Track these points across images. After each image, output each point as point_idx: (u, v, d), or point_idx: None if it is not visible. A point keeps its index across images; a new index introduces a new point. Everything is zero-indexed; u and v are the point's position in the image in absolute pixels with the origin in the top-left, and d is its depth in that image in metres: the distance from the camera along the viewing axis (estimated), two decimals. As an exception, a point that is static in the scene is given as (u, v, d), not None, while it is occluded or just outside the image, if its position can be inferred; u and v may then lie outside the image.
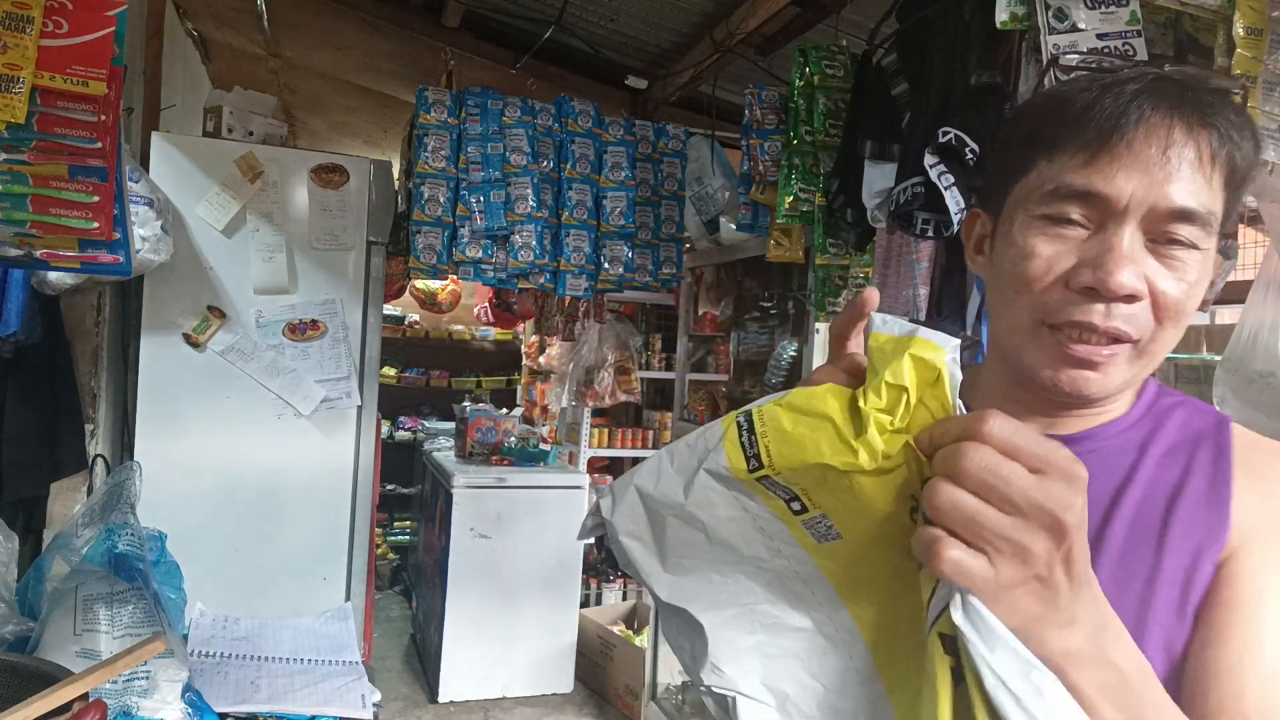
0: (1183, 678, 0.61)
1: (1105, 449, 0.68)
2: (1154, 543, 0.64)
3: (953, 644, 0.47)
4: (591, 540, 0.65)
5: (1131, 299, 0.61)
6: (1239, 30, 1.51)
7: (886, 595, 0.54)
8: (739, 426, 0.53)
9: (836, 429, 0.50)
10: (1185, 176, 0.61)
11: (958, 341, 0.50)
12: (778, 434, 0.51)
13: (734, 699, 0.56)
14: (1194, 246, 0.62)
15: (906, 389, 0.49)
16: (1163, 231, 0.62)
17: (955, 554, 0.45)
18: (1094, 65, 0.69)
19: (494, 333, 6.36)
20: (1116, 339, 0.62)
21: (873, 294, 0.55)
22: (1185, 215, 0.61)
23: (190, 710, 1.36)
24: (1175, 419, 0.71)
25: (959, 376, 0.49)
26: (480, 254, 2.94)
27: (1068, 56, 0.73)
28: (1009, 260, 0.67)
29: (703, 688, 0.58)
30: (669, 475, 0.57)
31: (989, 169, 0.76)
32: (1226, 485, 0.65)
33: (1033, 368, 0.66)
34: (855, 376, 0.52)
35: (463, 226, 2.92)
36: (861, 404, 0.49)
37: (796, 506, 0.53)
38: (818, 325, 2.51)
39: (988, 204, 0.73)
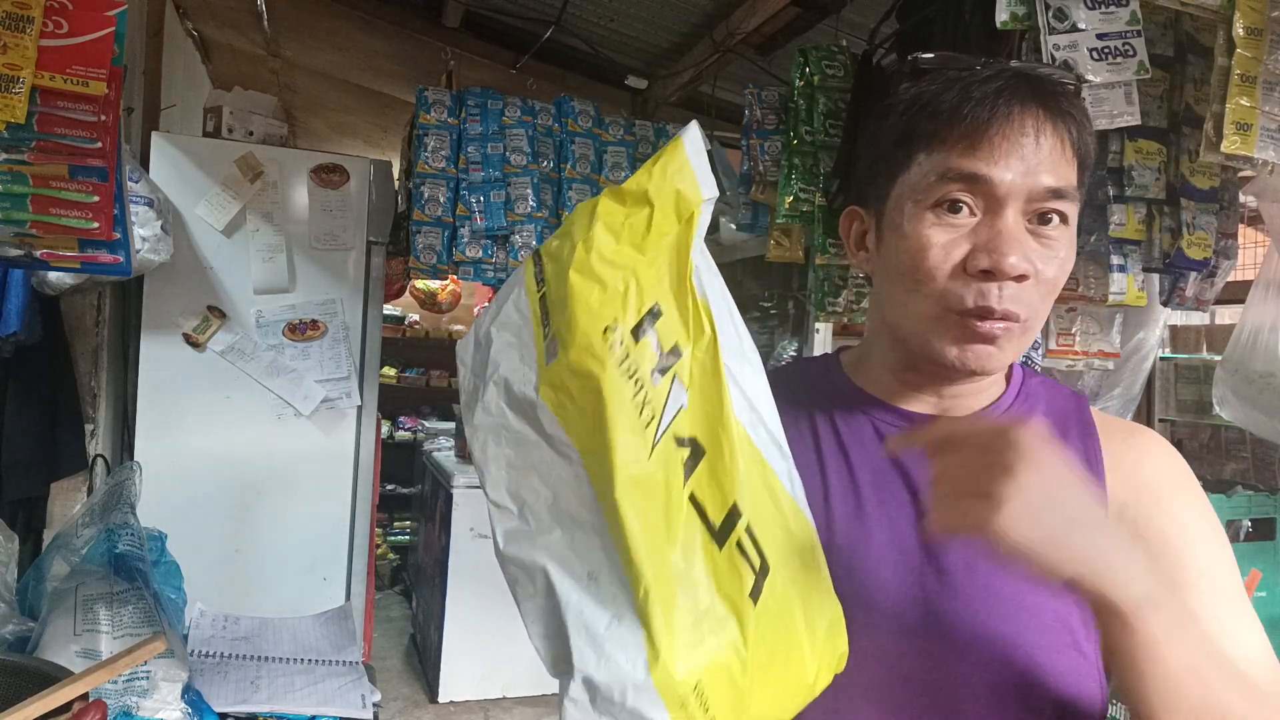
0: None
1: None
2: None
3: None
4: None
5: (1022, 279, 0.68)
6: (1239, 30, 1.51)
7: (591, 411, 0.58)
8: (533, 258, 0.63)
9: (572, 238, 0.57)
10: (1052, 160, 0.68)
11: (714, 195, 0.59)
12: (550, 253, 0.61)
13: (490, 509, 0.65)
14: (1064, 221, 0.70)
15: (652, 205, 0.57)
16: (1037, 210, 0.69)
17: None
18: (945, 66, 0.73)
19: (494, 333, 6.35)
20: (1007, 317, 0.68)
21: None
22: (1057, 193, 0.68)
23: (190, 710, 1.36)
24: (1041, 398, 0.79)
25: (705, 227, 0.58)
26: (480, 254, 2.94)
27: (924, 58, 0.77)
28: (904, 253, 0.72)
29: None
30: (491, 309, 0.66)
31: (863, 168, 0.81)
32: (1099, 464, 0.75)
33: (940, 350, 0.71)
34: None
35: (463, 226, 2.92)
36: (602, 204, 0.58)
37: (545, 329, 0.60)
38: (818, 325, 2.51)
39: (865, 202, 0.79)
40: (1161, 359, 2.81)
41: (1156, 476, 0.75)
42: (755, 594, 0.57)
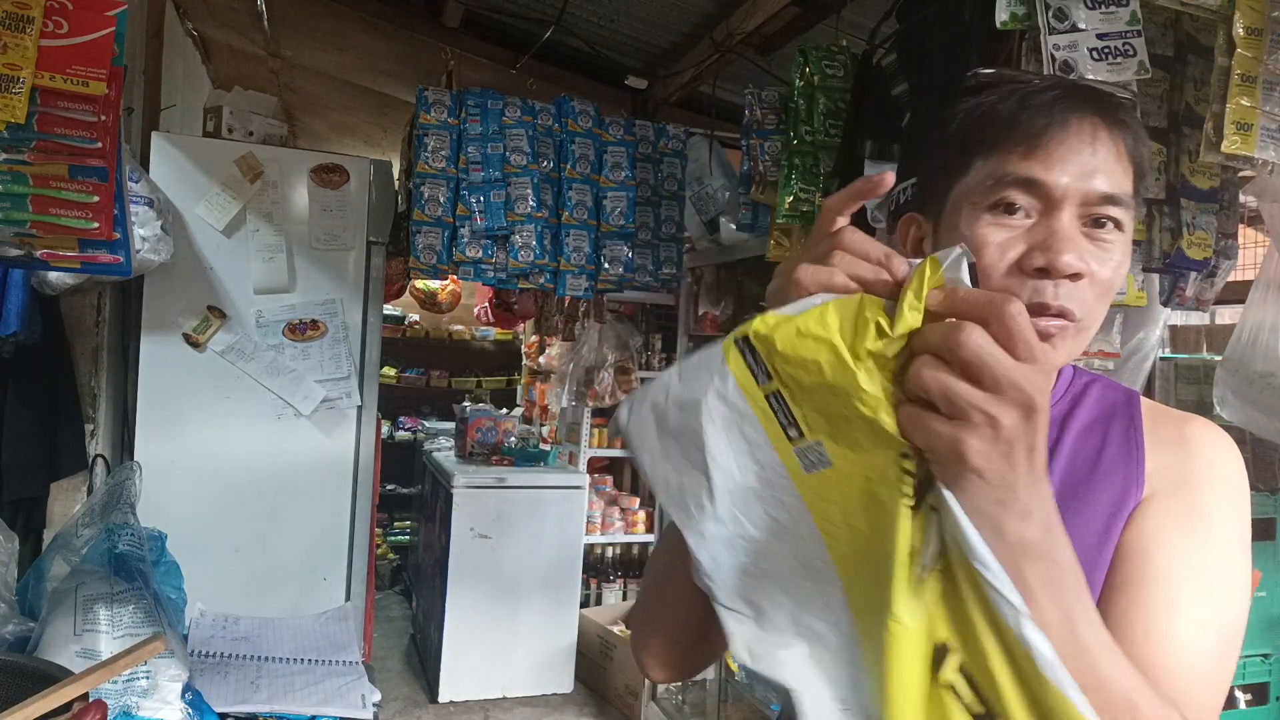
0: None
1: None
2: (1078, 506, 0.73)
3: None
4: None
5: (1077, 277, 0.69)
6: (1239, 30, 1.51)
7: (867, 532, 0.54)
8: (739, 348, 0.55)
9: (835, 350, 0.51)
10: (1108, 167, 0.70)
11: (959, 250, 0.53)
12: (780, 351, 0.53)
13: (721, 612, 0.59)
14: (1119, 227, 0.71)
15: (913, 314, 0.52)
16: (1093, 215, 0.70)
17: (936, 424, 0.50)
18: (1002, 81, 0.76)
19: (494, 333, 6.36)
20: (1063, 315, 0.69)
21: (889, 176, 0.60)
22: (1112, 199, 0.70)
23: (190, 710, 1.36)
24: (1091, 396, 0.80)
25: (967, 283, 0.52)
26: (480, 254, 2.94)
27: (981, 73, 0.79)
28: None
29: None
30: (676, 392, 0.58)
31: (922, 177, 0.83)
32: (1139, 449, 0.75)
33: None
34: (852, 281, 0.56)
35: (463, 226, 2.92)
36: (870, 319, 0.51)
37: (793, 433, 0.55)
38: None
39: (924, 209, 0.80)
40: (1161, 359, 2.81)
41: (1189, 462, 0.74)
42: None
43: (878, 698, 0.52)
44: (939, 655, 0.52)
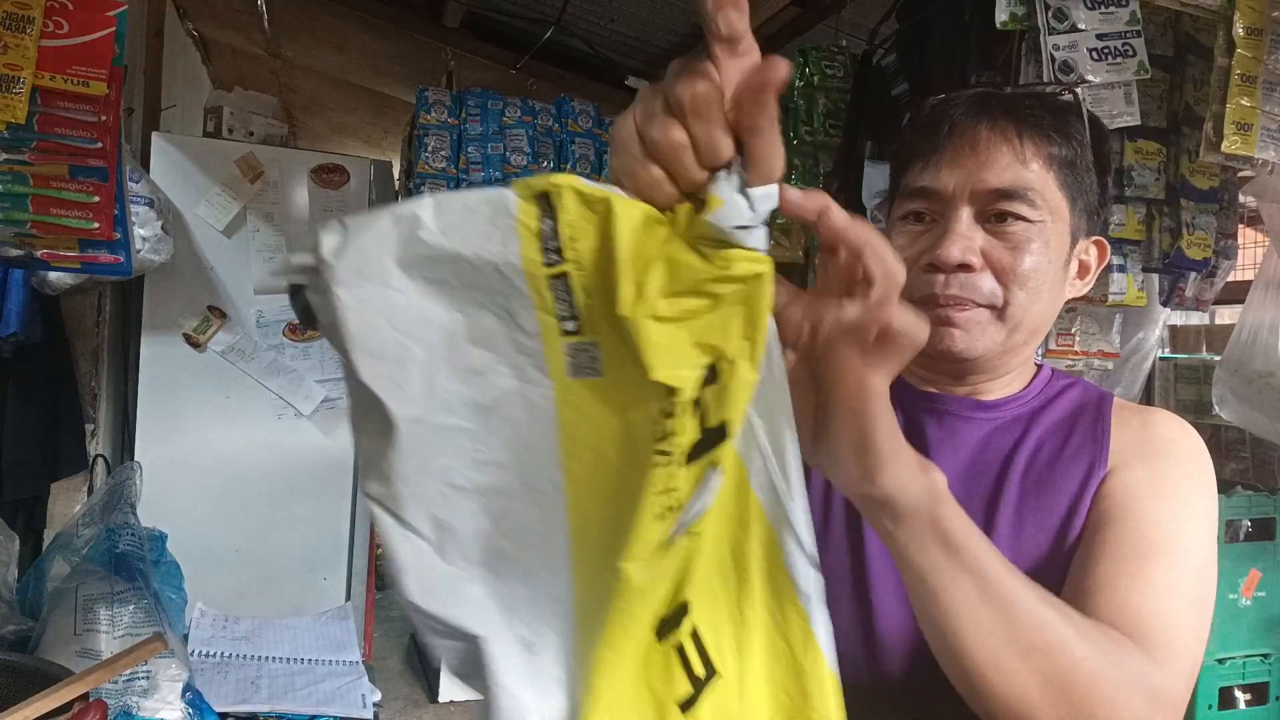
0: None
1: (1004, 417, 0.80)
2: (1040, 493, 0.75)
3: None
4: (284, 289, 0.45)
5: (964, 268, 0.72)
6: (1239, 30, 1.52)
7: (617, 465, 0.46)
8: (539, 205, 0.43)
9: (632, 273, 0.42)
10: (996, 163, 0.73)
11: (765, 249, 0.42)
12: (587, 227, 0.43)
13: (384, 519, 0.47)
14: (1022, 219, 0.73)
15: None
16: (990, 210, 0.73)
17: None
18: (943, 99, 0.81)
19: (494, 333, 6.36)
20: (960, 303, 0.73)
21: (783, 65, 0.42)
22: (1002, 194, 0.73)
23: (190, 710, 1.36)
24: (1066, 397, 0.82)
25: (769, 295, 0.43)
26: (480, 254, 2.94)
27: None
28: None
29: (364, 493, 0.48)
30: (429, 236, 0.44)
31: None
32: (1106, 434, 0.77)
33: None
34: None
35: (463, 226, 2.92)
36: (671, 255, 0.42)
37: (569, 326, 0.45)
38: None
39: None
40: (1161, 359, 2.81)
41: (1151, 441, 0.76)
42: (687, 706, 0.46)
43: (585, 652, 0.46)
44: (676, 616, 0.47)
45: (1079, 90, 0.81)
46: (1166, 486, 0.72)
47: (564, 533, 0.47)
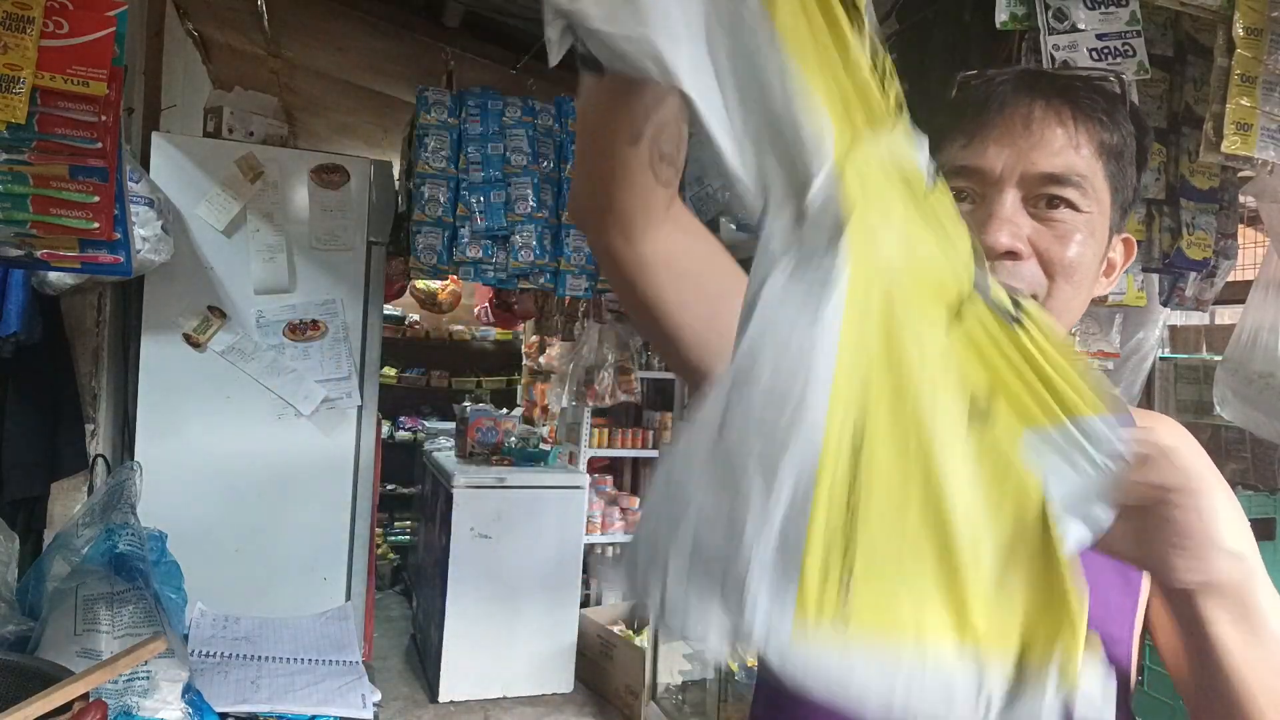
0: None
1: None
2: None
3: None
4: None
5: (1010, 255, 0.68)
6: (1239, 30, 1.52)
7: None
8: None
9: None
10: (1049, 145, 0.69)
11: None
12: None
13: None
14: (1072, 206, 0.69)
15: None
16: (1039, 195, 0.69)
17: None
18: (977, 78, 0.77)
19: (494, 333, 6.36)
20: None
21: None
22: (1054, 179, 0.69)
23: (190, 710, 1.36)
24: None
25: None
26: (480, 254, 2.94)
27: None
28: None
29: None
30: None
31: None
32: None
33: None
34: None
35: (463, 227, 2.92)
36: None
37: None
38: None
39: None
40: (1161, 359, 2.81)
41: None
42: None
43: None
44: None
45: (1126, 79, 0.78)
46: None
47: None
